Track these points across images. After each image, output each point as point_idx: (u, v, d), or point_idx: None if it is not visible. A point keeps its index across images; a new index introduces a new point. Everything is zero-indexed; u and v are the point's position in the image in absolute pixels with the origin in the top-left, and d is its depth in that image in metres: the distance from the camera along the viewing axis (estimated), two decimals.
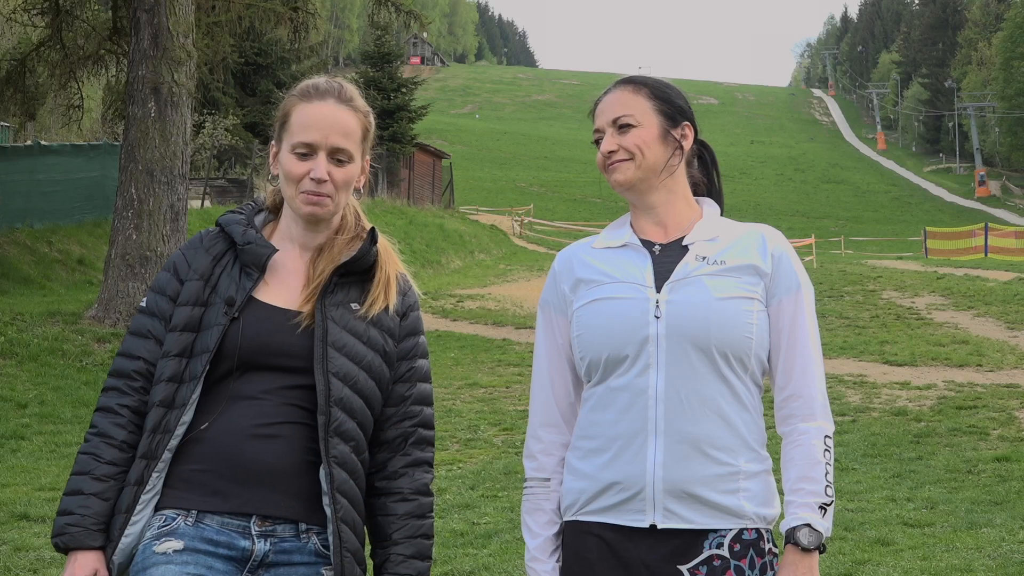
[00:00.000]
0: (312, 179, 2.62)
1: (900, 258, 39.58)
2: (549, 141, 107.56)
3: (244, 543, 2.56)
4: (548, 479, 2.73)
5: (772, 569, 2.60)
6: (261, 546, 2.56)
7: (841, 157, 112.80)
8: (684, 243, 2.66)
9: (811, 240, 39.73)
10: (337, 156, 2.64)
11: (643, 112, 2.68)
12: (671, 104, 2.71)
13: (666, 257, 2.65)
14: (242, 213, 2.76)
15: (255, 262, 2.65)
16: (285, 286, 2.67)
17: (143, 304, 2.70)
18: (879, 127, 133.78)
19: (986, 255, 38.19)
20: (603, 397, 2.62)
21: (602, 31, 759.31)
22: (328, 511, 2.56)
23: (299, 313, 2.63)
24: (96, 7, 18.30)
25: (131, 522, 2.55)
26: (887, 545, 7.21)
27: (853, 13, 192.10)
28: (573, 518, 2.65)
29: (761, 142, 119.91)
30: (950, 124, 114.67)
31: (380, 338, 2.67)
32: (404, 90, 45.70)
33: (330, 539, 2.57)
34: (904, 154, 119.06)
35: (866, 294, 23.01)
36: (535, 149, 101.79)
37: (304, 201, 2.64)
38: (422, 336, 2.78)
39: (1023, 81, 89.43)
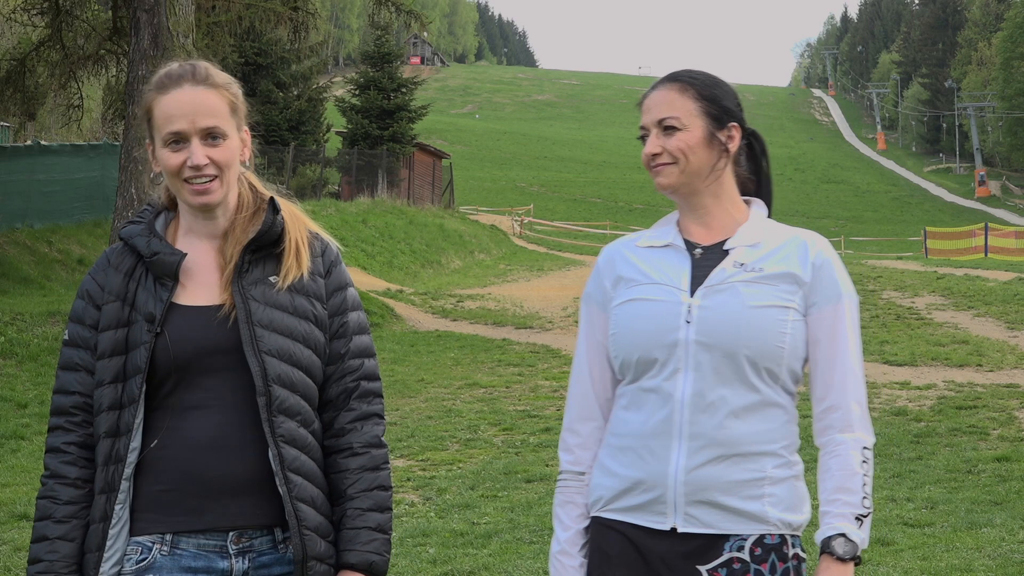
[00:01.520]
0: (191, 167, 2.55)
1: (900, 258, 39.57)
2: (549, 141, 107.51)
3: (223, 564, 2.53)
4: (583, 472, 2.71)
5: (796, 574, 2.58)
6: (240, 565, 2.54)
7: (841, 157, 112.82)
8: (725, 247, 2.63)
9: None
10: (210, 136, 2.57)
11: (689, 114, 2.61)
12: (718, 105, 2.64)
13: (706, 261, 2.62)
14: (141, 221, 2.68)
15: (166, 272, 2.58)
16: (203, 283, 2.61)
17: (66, 336, 2.64)
18: (879, 127, 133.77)
19: (986, 255, 38.19)
20: (634, 397, 2.61)
21: (602, 31, 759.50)
22: (282, 490, 2.53)
23: (222, 307, 2.57)
24: (96, 7, 18.30)
25: (104, 559, 2.52)
26: (887, 545, 7.21)
27: (853, 13, 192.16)
28: (598, 514, 2.65)
29: None
30: (943, 124, 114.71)
31: (307, 304, 2.61)
32: (404, 90, 45.71)
33: (288, 518, 2.53)
34: (904, 154, 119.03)
35: (866, 294, 23.00)
36: (535, 149, 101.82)
37: (191, 192, 2.57)
38: (350, 288, 2.71)
39: (1023, 81, 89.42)
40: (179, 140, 2.56)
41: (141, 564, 2.52)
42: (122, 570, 2.53)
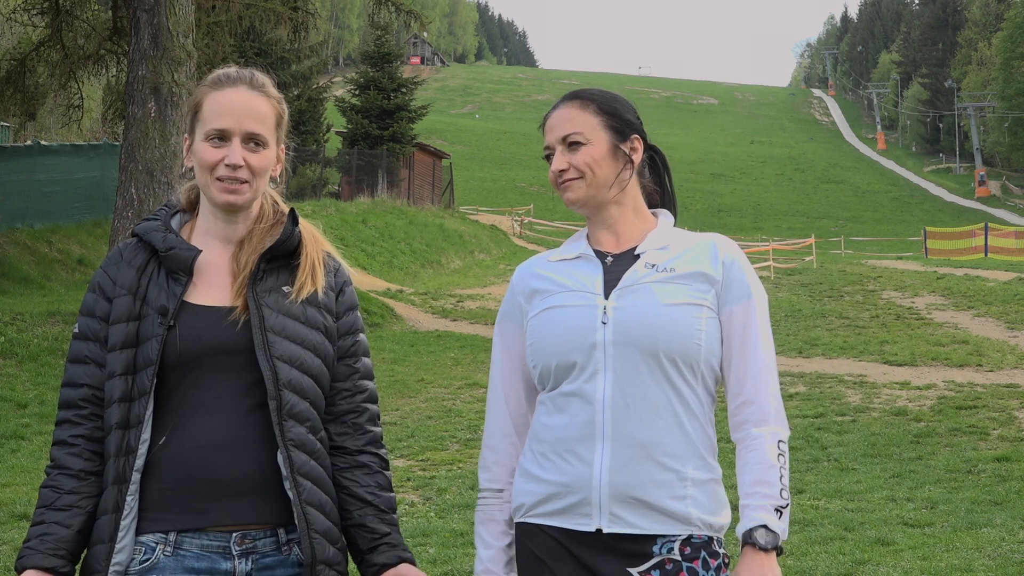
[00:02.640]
0: (227, 165, 2.59)
1: (900, 258, 39.60)
2: None
3: (225, 565, 2.54)
4: (501, 490, 2.75)
5: (727, 569, 2.61)
6: (243, 566, 2.55)
7: (841, 157, 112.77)
8: (636, 252, 2.69)
9: (811, 240, 39.73)
10: (252, 141, 2.62)
11: (592, 129, 2.69)
12: (619, 118, 2.71)
13: (617, 266, 2.68)
14: (158, 219, 2.71)
15: (181, 267, 2.61)
16: (215, 284, 2.64)
17: (76, 330, 2.66)
18: (879, 127, 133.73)
19: (986, 255, 38.22)
20: (555, 402, 2.65)
21: (602, 31, 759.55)
22: (291, 494, 2.54)
23: (233, 309, 2.60)
24: (96, 7, 18.30)
25: (116, 550, 2.53)
26: (887, 545, 7.22)
27: (853, 13, 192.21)
28: (522, 520, 2.68)
29: (761, 142, 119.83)
30: (939, 123, 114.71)
31: (319, 315, 2.66)
32: (404, 90, 45.69)
33: (296, 522, 2.55)
34: (904, 154, 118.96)
35: (866, 294, 23.02)
36: (535, 149, 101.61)
37: (220, 189, 2.61)
38: (359, 311, 2.78)
39: (1023, 81, 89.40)
40: (222, 137, 2.61)
41: (144, 564, 2.53)
42: (127, 569, 2.54)
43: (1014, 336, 16.96)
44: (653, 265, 2.65)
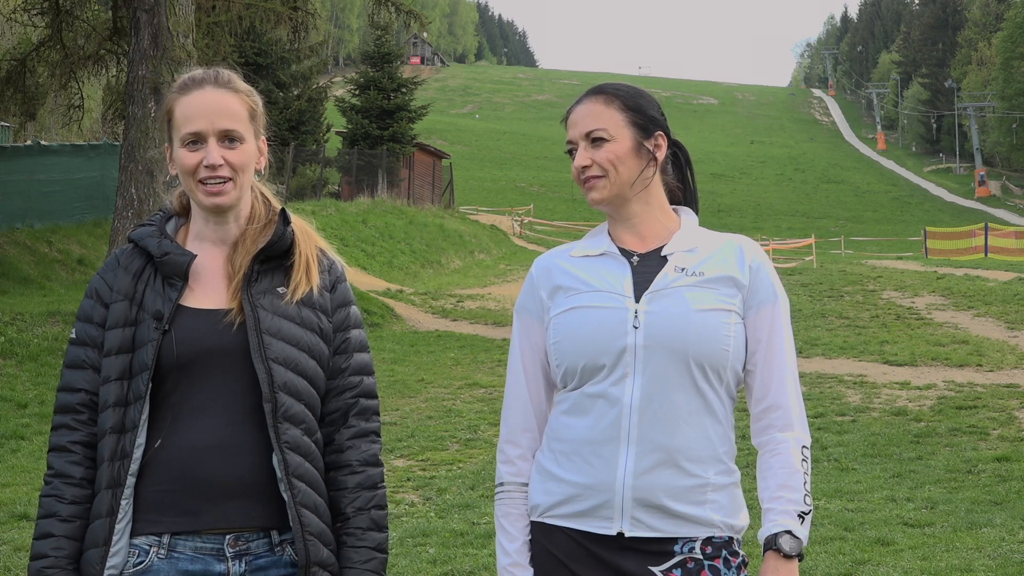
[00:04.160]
0: (206, 166, 2.60)
1: (900, 258, 39.58)
2: (549, 141, 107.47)
3: (219, 567, 2.55)
4: (526, 484, 2.72)
5: (746, 569, 2.62)
6: (236, 568, 2.56)
7: (841, 157, 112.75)
8: (663, 253, 2.66)
9: (811, 240, 39.73)
10: (227, 139, 2.62)
11: (616, 125, 2.65)
12: (644, 115, 2.69)
13: (644, 267, 2.65)
14: (152, 224, 2.72)
15: (176, 272, 2.62)
16: (211, 288, 2.65)
17: (73, 335, 2.66)
18: (879, 127, 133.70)
19: (986, 255, 38.21)
20: (578, 402, 2.62)
21: (602, 31, 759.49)
22: (286, 496, 2.55)
23: (229, 311, 2.61)
24: (96, 7, 18.30)
25: (111, 554, 2.53)
26: (887, 545, 7.22)
27: (853, 13, 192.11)
28: (540, 519, 2.66)
29: (761, 142, 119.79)
30: (936, 125, 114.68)
31: (313, 316, 2.65)
32: (404, 90, 45.70)
33: (291, 524, 2.56)
34: (904, 154, 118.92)
35: (866, 294, 23.01)
36: (535, 149, 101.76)
37: (205, 193, 2.62)
38: (353, 306, 2.76)
39: (1023, 81, 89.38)
40: (197, 140, 2.61)
41: (138, 567, 2.54)
42: (121, 573, 2.54)
43: (1014, 336, 16.96)
44: (683, 269, 2.63)
